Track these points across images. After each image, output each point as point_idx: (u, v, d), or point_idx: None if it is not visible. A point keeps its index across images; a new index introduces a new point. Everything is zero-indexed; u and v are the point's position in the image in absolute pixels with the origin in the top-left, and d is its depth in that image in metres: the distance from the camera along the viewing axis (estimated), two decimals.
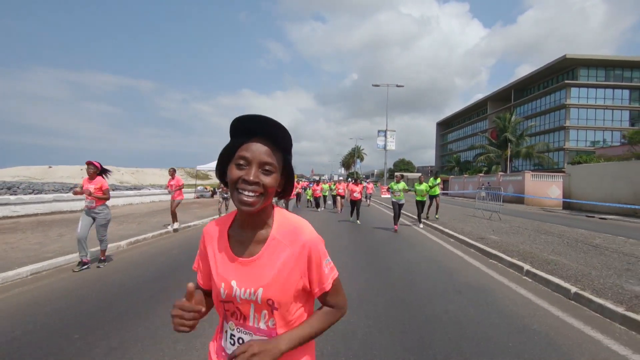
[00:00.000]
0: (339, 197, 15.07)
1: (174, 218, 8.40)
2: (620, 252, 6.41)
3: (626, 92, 44.43)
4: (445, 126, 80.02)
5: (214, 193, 22.32)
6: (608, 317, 3.51)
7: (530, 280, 4.87)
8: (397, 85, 26.18)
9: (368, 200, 21.16)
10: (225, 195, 11.46)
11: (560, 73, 45.76)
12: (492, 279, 4.88)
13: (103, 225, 5.13)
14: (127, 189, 26.84)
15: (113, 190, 19.62)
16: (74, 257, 5.21)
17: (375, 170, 64.16)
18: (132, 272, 4.85)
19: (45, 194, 14.23)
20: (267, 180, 0.85)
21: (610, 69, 44.19)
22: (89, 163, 5.01)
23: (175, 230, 8.37)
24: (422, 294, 4.14)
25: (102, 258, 5.22)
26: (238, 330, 0.91)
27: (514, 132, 37.86)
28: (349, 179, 24.19)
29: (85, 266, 4.91)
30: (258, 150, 0.85)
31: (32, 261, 4.89)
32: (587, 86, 43.87)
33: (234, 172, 0.85)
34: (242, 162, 0.85)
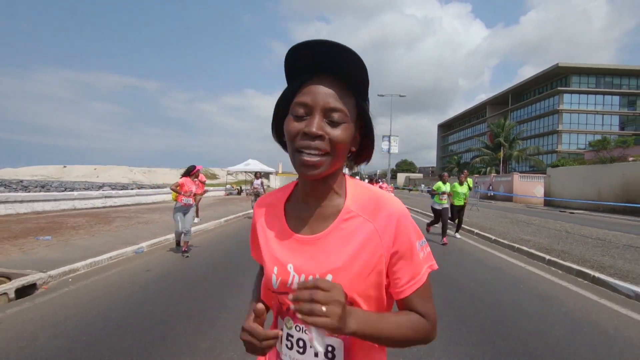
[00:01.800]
0: None
1: (197, 213, 9.17)
2: (544, 227, 10.00)
3: (616, 98, 47.89)
4: (446, 128, 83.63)
5: (240, 191, 25.91)
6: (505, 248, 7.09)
7: (475, 236, 8.47)
8: (400, 95, 29.81)
9: None
10: (257, 192, 12.09)
11: (554, 80, 49.27)
12: (466, 243, 8.50)
13: (191, 217, 5.98)
14: (153, 188, 30.20)
15: (139, 188, 23.11)
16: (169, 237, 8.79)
17: (378, 171, 67.75)
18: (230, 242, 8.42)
19: (94, 190, 17.65)
20: (336, 132, 0.63)
21: (601, 76, 47.67)
22: (197, 168, 6.31)
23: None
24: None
25: (185, 249, 5.80)
26: (298, 328, 0.69)
27: (507, 137, 41.46)
28: (365, 178, 26.56)
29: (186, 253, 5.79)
30: (322, 92, 0.63)
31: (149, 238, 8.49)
32: (579, 92, 47.38)
33: (291, 125, 0.64)
34: (301, 110, 0.63)
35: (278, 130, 0.72)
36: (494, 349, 2.72)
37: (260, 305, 0.67)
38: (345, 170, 0.80)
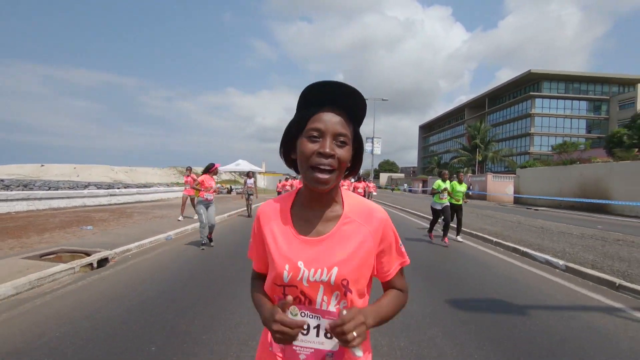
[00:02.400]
0: None
1: (183, 210, 10.03)
2: (503, 220, 11.81)
3: (584, 103, 51.46)
4: (427, 129, 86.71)
5: (230, 190, 27.03)
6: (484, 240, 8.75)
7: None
8: (383, 100, 31.60)
9: (370, 199, 25.86)
10: (250, 191, 12.50)
11: (527, 85, 52.47)
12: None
13: (213, 211, 6.68)
14: (138, 187, 30.76)
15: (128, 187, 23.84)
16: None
17: (362, 171, 69.76)
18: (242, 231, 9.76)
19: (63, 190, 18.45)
20: (342, 152, 0.81)
21: (570, 82, 51.15)
22: (216, 166, 6.83)
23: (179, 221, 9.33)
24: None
25: (211, 238, 6.62)
26: (302, 314, 0.85)
27: (484, 139, 44.14)
28: (351, 178, 27.98)
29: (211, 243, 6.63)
30: (331, 120, 0.81)
31: (173, 228, 9.74)
32: (550, 97, 50.70)
33: (307, 146, 0.80)
34: (315, 134, 0.80)
35: (286, 150, 0.90)
36: (436, 289, 4.26)
37: (289, 298, 0.80)
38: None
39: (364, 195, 12.35)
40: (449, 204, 7.75)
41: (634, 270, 4.96)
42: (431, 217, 8.34)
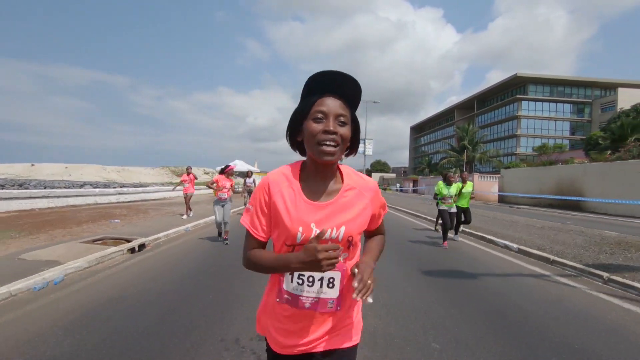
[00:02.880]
0: None
1: (188, 208, 10.30)
2: (482, 216, 13.16)
3: (568, 106, 53.65)
4: (418, 130, 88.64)
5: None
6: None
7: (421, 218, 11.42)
8: (375, 102, 32.97)
9: None
10: (250, 189, 13.23)
11: (514, 88, 54.47)
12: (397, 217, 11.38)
13: (229, 209, 7.05)
14: (135, 187, 31.50)
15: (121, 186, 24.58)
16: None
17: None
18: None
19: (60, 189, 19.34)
20: (343, 130, 0.98)
21: (555, 86, 53.29)
22: (231, 167, 7.42)
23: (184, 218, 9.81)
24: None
25: (226, 237, 6.93)
26: None
27: (472, 140, 45.87)
28: None
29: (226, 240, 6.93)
30: (333, 104, 0.98)
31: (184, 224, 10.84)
32: (535, 100, 52.75)
33: (313, 126, 0.97)
34: (319, 115, 0.97)
35: (292, 132, 1.07)
36: (412, 268, 5.50)
37: (323, 229, 0.95)
38: None
39: None
40: (455, 209, 7.28)
41: (568, 250, 6.30)
42: (435, 221, 8.69)
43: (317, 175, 1.05)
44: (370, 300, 0.93)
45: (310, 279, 1.01)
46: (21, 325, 2.93)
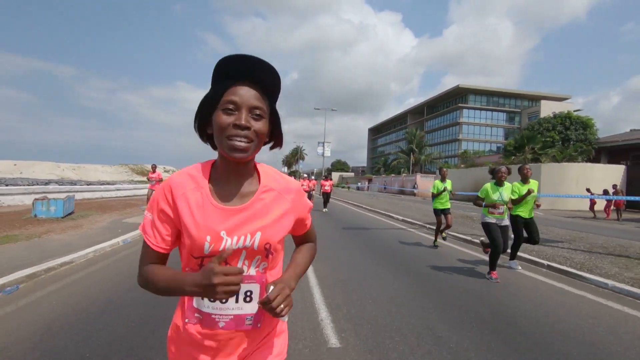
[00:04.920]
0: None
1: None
2: (410, 206, 18.20)
3: (502, 115, 62.20)
4: (375, 131, 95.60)
5: None
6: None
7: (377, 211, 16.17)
8: (332, 110, 37.90)
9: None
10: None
11: (456, 97, 62.12)
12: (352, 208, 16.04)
13: None
14: (100, 184, 33.75)
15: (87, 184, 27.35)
16: None
17: (315, 169, 75.89)
18: None
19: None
20: (258, 125, 0.85)
21: (491, 96, 61.59)
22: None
23: None
24: None
25: None
26: None
27: (419, 144, 52.47)
28: (312, 177, 32.46)
29: None
30: (247, 94, 0.84)
31: None
32: (474, 109, 60.68)
33: (222, 119, 0.83)
34: (230, 106, 0.83)
35: (201, 124, 0.90)
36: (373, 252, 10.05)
37: (228, 248, 0.85)
38: (285, 169, 5.27)
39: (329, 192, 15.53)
40: (507, 221, 5.15)
41: (430, 218, 11.20)
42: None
43: (229, 176, 0.92)
44: (285, 319, 0.93)
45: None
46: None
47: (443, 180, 7.06)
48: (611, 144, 29.23)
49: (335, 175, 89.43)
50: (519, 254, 5.81)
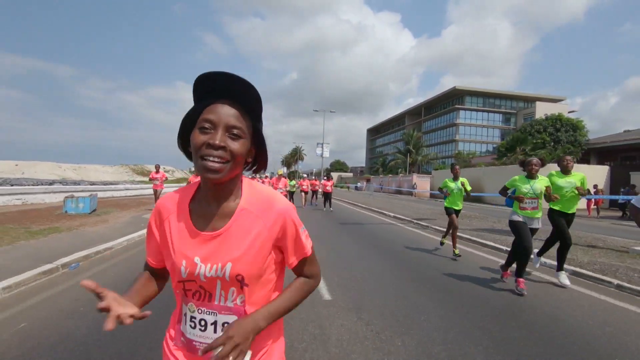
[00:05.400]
0: (302, 194, 17.03)
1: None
2: (406, 205, 19.29)
3: (498, 116, 63.35)
4: (374, 132, 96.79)
5: None
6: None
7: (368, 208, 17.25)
8: (331, 111, 39.01)
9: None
10: None
11: (453, 98, 63.27)
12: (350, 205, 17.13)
13: None
14: (104, 185, 34.63)
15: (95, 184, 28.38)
16: None
17: (314, 169, 76.99)
18: None
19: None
20: (235, 145, 0.81)
21: (487, 98, 62.74)
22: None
23: None
24: None
25: None
26: (200, 311, 0.88)
27: (416, 144, 53.60)
28: (313, 177, 33.18)
29: None
30: (224, 112, 0.81)
31: None
32: (471, 110, 61.83)
33: (197, 137, 0.80)
34: (206, 125, 0.80)
35: (184, 141, 0.88)
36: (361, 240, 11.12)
37: (87, 282, 0.75)
38: (285, 170, 5.57)
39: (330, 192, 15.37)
40: (539, 223, 4.53)
41: (419, 215, 12.26)
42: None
43: (208, 198, 0.89)
44: None
45: (203, 323, 0.88)
46: None
47: (456, 178, 6.38)
48: (600, 145, 30.46)
49: (334, 176, 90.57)
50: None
